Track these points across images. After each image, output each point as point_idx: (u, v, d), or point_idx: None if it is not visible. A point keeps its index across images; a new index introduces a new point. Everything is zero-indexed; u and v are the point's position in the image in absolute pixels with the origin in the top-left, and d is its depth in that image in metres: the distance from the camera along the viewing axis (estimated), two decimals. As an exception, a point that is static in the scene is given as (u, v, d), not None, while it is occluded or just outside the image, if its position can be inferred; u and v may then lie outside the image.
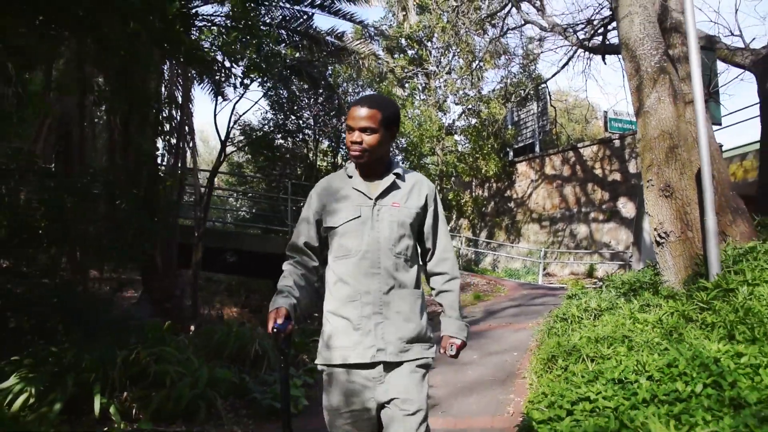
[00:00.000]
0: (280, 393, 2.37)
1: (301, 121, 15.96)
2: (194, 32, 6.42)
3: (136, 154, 6.96)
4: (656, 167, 6.57)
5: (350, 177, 2.49)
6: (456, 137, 20.98)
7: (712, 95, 10.24)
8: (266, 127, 15.00)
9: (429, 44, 20.23)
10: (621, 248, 17.27)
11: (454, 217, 22.20)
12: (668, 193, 6.41)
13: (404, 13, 16.63)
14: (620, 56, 9.25)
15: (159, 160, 9.20)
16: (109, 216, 6.17)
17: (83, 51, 4.73)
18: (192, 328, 7.81)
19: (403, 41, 19.03)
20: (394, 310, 2.33)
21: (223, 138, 8.92)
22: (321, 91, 15.17)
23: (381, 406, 2.31)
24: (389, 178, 2.45)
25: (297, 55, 12.30)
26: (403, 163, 17.79)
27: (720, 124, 12.52)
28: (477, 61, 20.23)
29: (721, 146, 13.96)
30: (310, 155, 16.32)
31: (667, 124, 6.61)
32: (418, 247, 2.57)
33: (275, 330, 2.15)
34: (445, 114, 20.56)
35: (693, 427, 2.74)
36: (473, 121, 20.64)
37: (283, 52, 9.88)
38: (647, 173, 6.71)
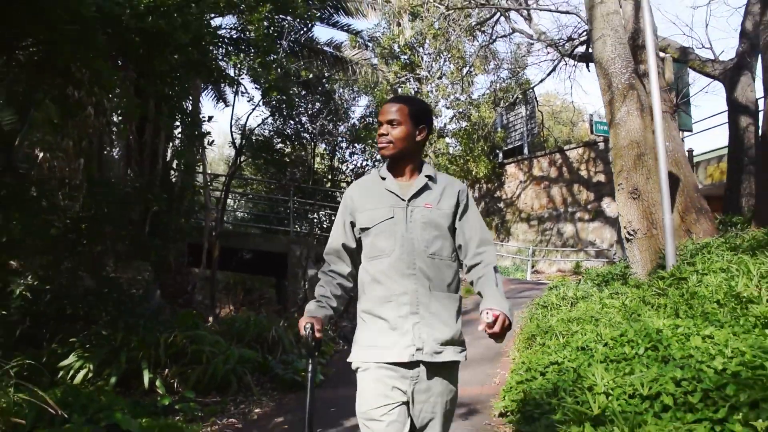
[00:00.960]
0: (307, 396, 2.36)
1: (299, 126, 16.79)
2: (221, 58, 7.25)
3: (179, 165, 7.74)
4: (625, 173, 7.50)
5: (383, 178, 2.53)
6: (447, 140, 21.89)
7: (679, 106, 11.22)
8: (267, 131, 15.86)
9: (421, 50, 21.11)
10: (605, 246, 18.23)
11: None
12: (636, 196, 7.34)
13: (399, 27, 17.51)
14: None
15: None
16: (142, 220, 6.98)
17: (142, 80, 5.49)
18: (210, 319, 8.65)
19: (396, 47, 19.89)
20: (431, 311, 2.36)
21: (238, 146, 9.77)
22: (318, 96, 16.03)
23: (411, 403, 2.33)
24: (421, 180, 2.50)
25: (298, 63, 13.17)
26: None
27: (691, 131, 13.52)
28: (467, 67, 21.16)
29: (691, 151, 14.97)
30: (309, 158, 17.17)
31: (635, 134, 7.54)
32: (456, 247, 2.57)
33: (308, 332, 2.30)
34: (436, 118, 21.48)
35: (627, 375, 3.65)
36: (464, 124, 21.54)
37: (298, 69, 10.66)
38: (618, 178, 7.65)
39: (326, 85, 16.23)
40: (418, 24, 19.99)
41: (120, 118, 6.60)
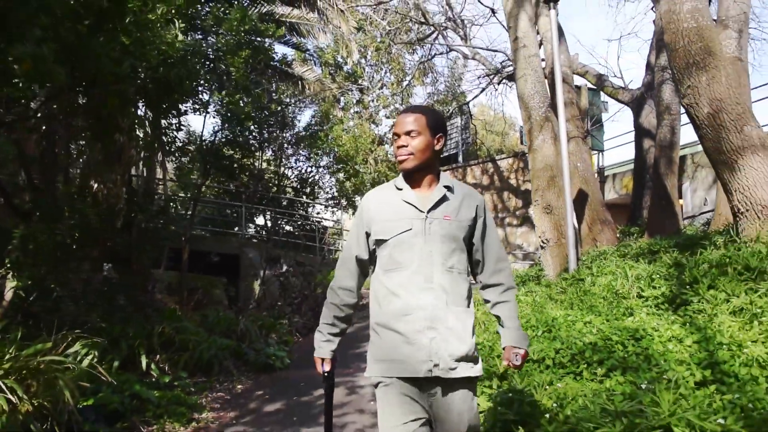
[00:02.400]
0: (324, 423, 2.62)
1: (247, 132, 17.86)
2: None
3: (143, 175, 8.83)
4: (541, 191, 9.11)
5: (400, 189, 2.50)
6: (387, 148, 23.42)
7: (590, 132, 13.05)
8: (217, 139, 16.89)
9: (363, 61, 22.53)
10: (532, 249, 20.06)
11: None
12: (549, 211, 8.95)
13: (347, 49, 18.87)
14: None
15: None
16: (129, 229, 8.08)
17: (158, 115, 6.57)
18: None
19: (339, 58, 21.21)
20: (447, 326, 2.35)
21: (195, 153, 10.93)
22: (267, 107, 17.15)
23: (431, 422, 2.37)
24: (440, 191, 2.47)
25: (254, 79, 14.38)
26: (339, 173, 19.97)
27: (602, 150, 15.46)
28: (407, 78, 22.73)
29: (603, 169, 16.96)
30: (256, 164, 18.24)
31: (549, 159, 9.14)
32: (468, 259, 2.59)
33: (325, 375, 2.53)
34: (377, 126, 22.97)
35: (527, 347, 5.18)
36: (403, 132, 23.09)
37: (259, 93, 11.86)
38: (535, 195, 9.25)
39: (274, 96, 17.37)
40: (361, 36, 21.37)
41: (144, 152, 7.70)
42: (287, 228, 17.66)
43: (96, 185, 6.59)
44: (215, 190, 17.75)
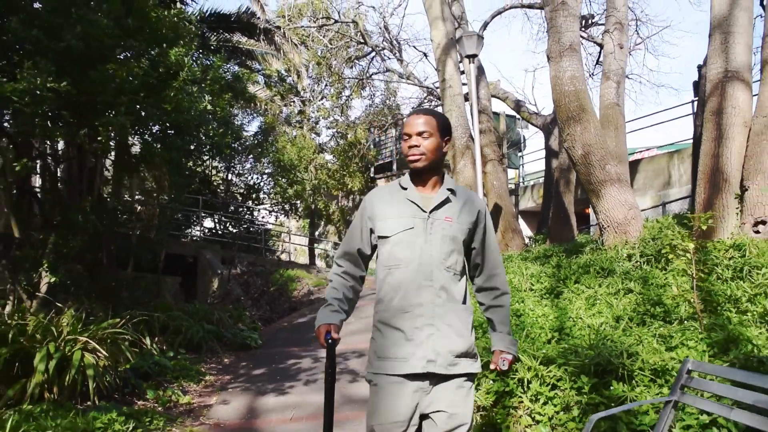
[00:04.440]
0: (325, 400, 2.44)
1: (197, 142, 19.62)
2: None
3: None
4: (462, 206, 11.46)
5: (404, 188, 2.60)
6: (327, 156, 25.53)
7: (504, 155, 15.56)
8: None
9: (305, 73, 24.56)
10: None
11: (323, 224, 26.89)
12: (468, 222, 11.29)
13: (297, 75, 20.89)
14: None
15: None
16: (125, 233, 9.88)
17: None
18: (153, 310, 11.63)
19: (283, 71, 23.18)
20: (446, 323, 2.42)
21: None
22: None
23: (424, 417, 2.43)
24: (443, 193, 2.56)
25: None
26: (282, 180, 21.89)
27: (518, 167, 18.07)
28: (346, 91, 24.89)
29: (518, 185, 19.60)
30: (206, 171, 19.94)
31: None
32: (466, 262, 2.66)
33: (329, 341, 2.41)
34: (318, 136, 25.06)
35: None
36: (341, 142, 25.30)
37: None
38: (457, 209, 11.59)
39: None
40: (303, 50, 23.35)
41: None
42: (233, 231, 19.47)
43: (139, 206, 8.47)
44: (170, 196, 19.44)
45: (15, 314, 6.58)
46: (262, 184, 21.28)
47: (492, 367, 2.60)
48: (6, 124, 6.90)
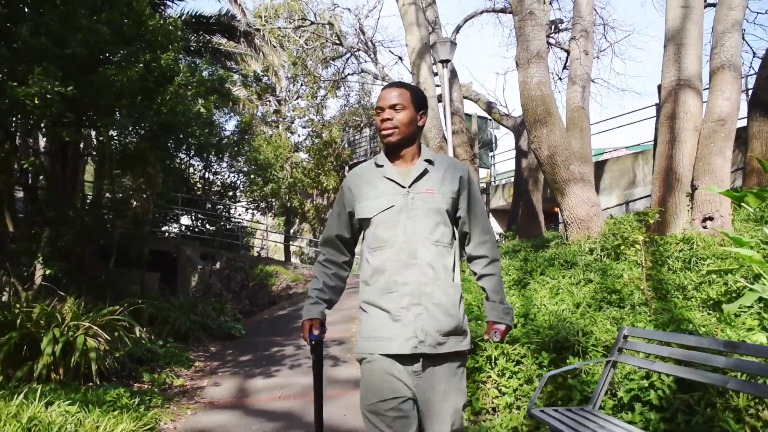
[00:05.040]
0: (314, 395, 2.53)
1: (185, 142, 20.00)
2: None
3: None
4: (436, 203, 12.09)
5: (380, 166, 2.55)
6: (302, 155, 26.03)
7: (476, 155, 16.23)
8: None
9: (281, 73, 25.02)
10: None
11: (297, 221, 27.39)
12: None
13: (276, 75, 21.37)
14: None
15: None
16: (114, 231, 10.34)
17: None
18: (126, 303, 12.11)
19: (259, 71, 23.62)
20: (433, 302, 2.39)
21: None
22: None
23: (416, 396, 2.39)
24: (420, 165, 2.51)
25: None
26: (258, 178, 22.32)
27: (489, 167, 18.77)
28: (321, 91, 25.44)
29: (489, 183, 20.31)
30: (184, 168, 20.30)
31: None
32: (456, 232, 2.60)
33: (313, 341, 2.46)
34: (293, 134, 25.57)
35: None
36: (317, 141, 25.84)
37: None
38: (431, 206, 12.22)
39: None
40: (281, 51, 23.83)
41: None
42: (213, 228, 19.88)
43: (135, 202, 8.94)
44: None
45: (16, 303, 7.04)
46: (238, 182, 21.70)
47: (485, 338, 2.62)
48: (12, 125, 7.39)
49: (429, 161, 2.54)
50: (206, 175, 20.88)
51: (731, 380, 2.88)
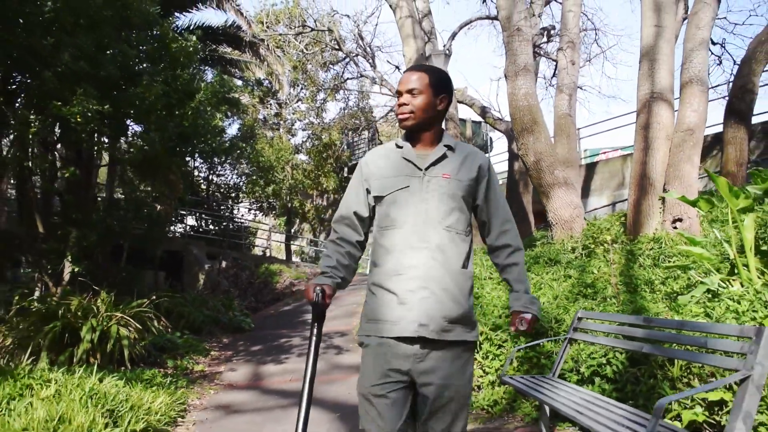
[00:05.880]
0: (307, 360, 2.32)
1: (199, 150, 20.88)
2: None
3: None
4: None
5: (400, 147, 2.53)
6: (302, 157, 26.92)
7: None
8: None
9: (284, 80, 25.87)
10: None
11: (298, 221, 28.32)
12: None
13: (279, 83, 22.27)
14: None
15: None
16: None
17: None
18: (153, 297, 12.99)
19: (262, 78, 24.46)
20: (441, 287, 2.35)
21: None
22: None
23: (417, 385, 2.36)
24: (440, 149, 2.49)
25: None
26: (260, 180, 23.19)
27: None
28: (321, 94, 26.29)
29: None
30: (189, 171, 21.15)
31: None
32: (476, 221, 2.58)
33: (317, 297, 2.31)
34: (293, 137, 26.46)
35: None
36: (317, 143, 26.72)
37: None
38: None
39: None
40: (283, 57, 24.65)
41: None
42: (218, 228, 20.78)
43: (158, 206, 9.84)
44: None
45: (53, 297, 7.92)
46: (241, 184, 22.57)
47: (512, 329, 2.53)
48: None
49: (449, 147, 2.53)
50: (210, 176, 21.76)
51: (645, 346, 3.77)
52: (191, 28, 14.46)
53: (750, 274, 5.52)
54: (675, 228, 8.78)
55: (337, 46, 22.65)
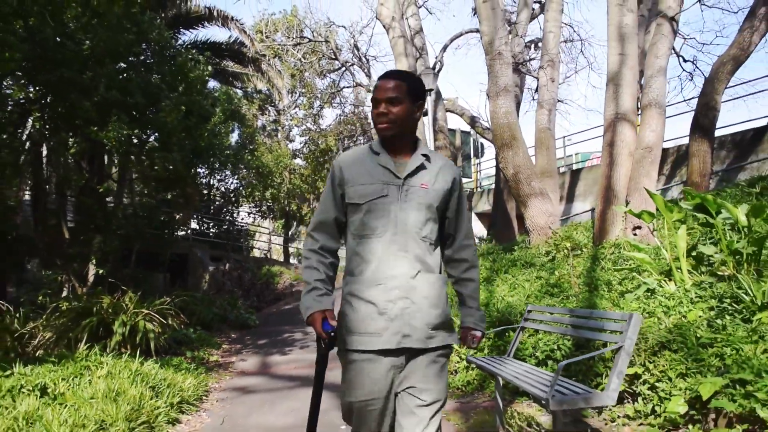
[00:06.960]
0: (313, 387, 2.45)
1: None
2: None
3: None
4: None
5: (376, 153, 2.49)
6: (299, 161, 28.13)
7: (461, 168, 18.24)
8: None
9: (283, 92, 27.09)
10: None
11: (295, 225, 29.55)
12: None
13: (279, 95, 23.51)
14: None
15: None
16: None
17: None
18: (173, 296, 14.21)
19: (263, 89, 25.66)
20: (422, 295, 2.36)
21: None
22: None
23: (397, 393, 2.39)
24: (418, 158, 2.47)
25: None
26: (259, 185, 24.30)
27: (470, 177, 20.86)
28: (318, 101, 27.51)
29: (472, 191, 22.32)
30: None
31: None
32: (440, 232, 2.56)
33: (332, 333, 2.35)
34: (291, 142, 27.69)
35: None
36: (314, 148, 27.94)
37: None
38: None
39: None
40: (280, 65, 25.86)
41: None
42: (221, 231, 21.92)
43: (177, 215, 11.08)
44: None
45: (83, 297, 9.12)
46: (241, 188, 23.70)
47: (461, 344, 2.62)
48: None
49: (426, 156, 2.51)
50: (211, 181, 22.91)
51: (568, 330, 5.01)
52: (197, 43, 15.65)
53: (682, 276, 6.65)
54: (635, 235, 9.98)
55: (333, 56, 23.83)
